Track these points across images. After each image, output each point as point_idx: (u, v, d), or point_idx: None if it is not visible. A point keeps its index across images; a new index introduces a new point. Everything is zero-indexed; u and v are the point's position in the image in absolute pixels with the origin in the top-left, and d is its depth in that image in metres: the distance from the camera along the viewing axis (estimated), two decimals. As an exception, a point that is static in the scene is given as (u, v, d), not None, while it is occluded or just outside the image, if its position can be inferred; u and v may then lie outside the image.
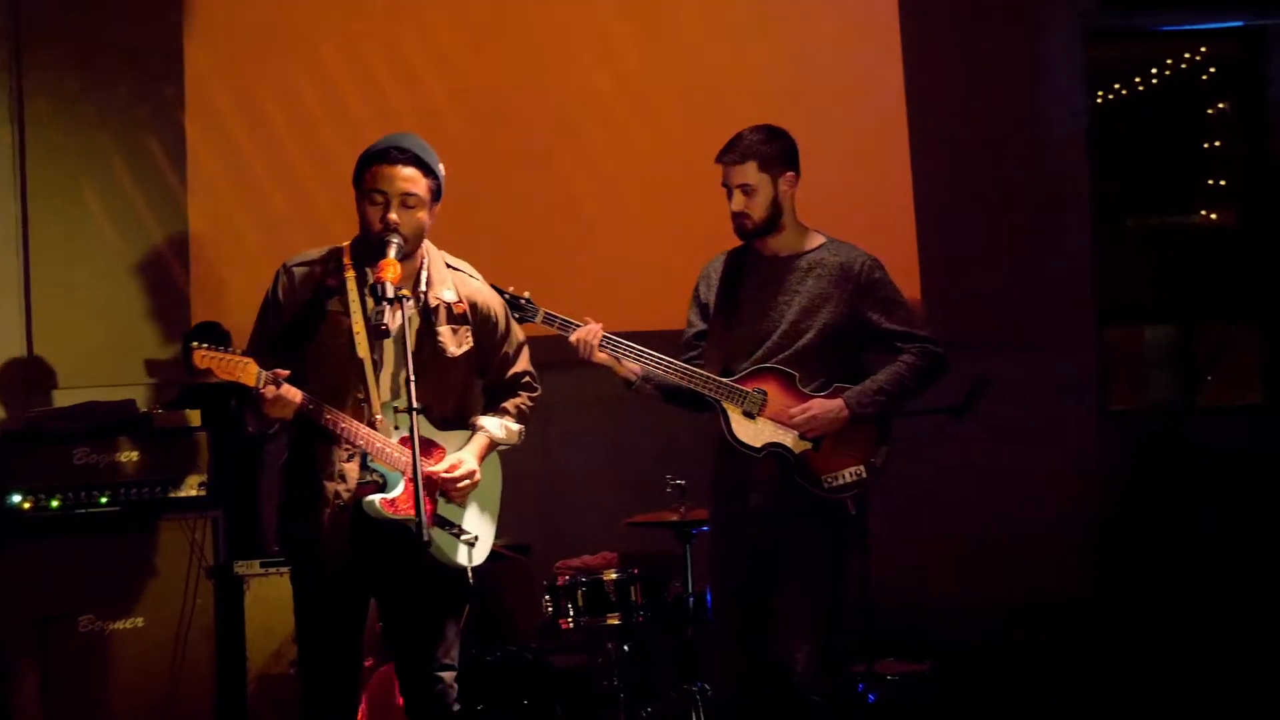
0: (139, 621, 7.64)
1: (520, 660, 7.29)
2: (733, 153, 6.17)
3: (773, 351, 6.09)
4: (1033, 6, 10.23)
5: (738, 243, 6.32)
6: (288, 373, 5.33)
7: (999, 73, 10.10)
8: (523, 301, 6.12)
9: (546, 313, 6.14)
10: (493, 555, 7.04)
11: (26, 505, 7.62)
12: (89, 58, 9.33)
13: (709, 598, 6.89)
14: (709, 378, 6.07)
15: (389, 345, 5.53)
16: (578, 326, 6.14)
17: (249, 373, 5.25)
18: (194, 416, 7.75)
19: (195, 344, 5.23)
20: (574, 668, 7.52)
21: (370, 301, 5.44)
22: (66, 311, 9.11)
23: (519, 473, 7.11)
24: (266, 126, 9.38)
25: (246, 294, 6.24)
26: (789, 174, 6.16)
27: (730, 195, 6.18)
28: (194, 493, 7.71)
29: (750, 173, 6.13)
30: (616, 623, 7.05)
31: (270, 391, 5.27)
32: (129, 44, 9.35)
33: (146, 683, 7.60)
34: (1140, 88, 10.81)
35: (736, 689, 6.27)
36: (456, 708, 5.68)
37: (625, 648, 7.16)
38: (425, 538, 5.12)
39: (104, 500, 7.66)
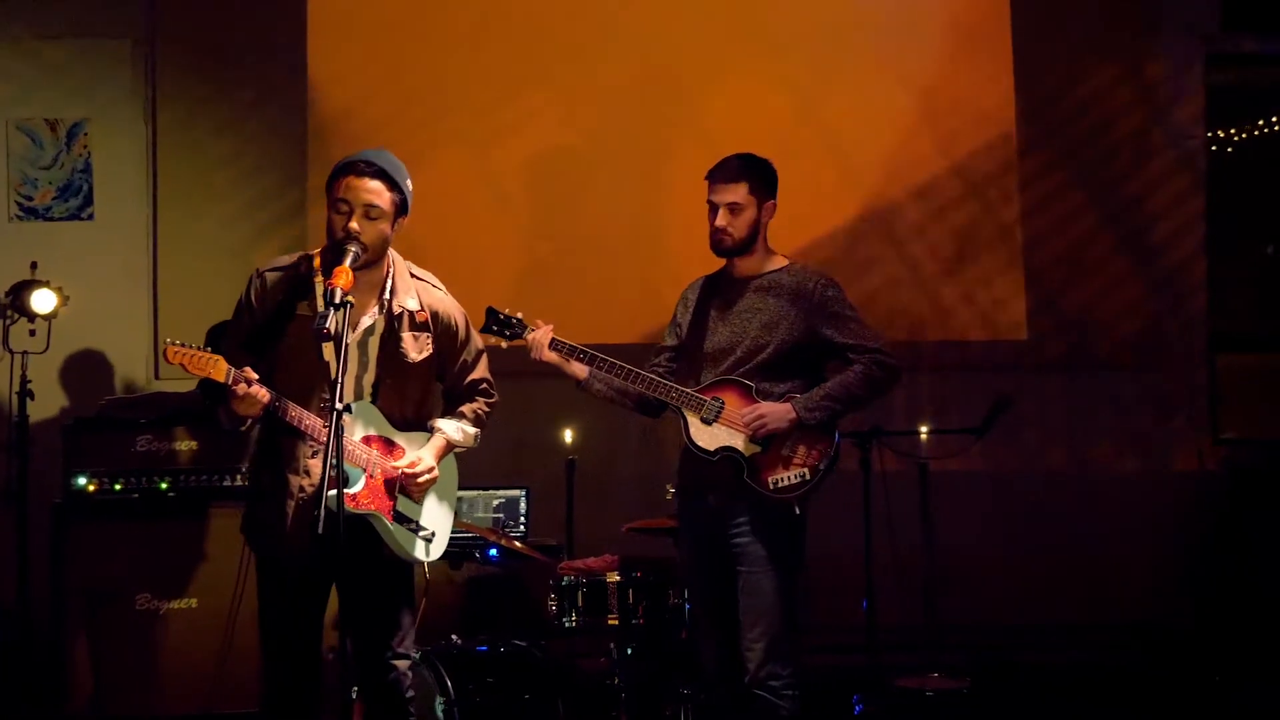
0: (192, 602, 8.03)
1: (525, 654, 7.48)
2: (727, 171, 6.48)
3: (735, 365, 6.36)
4: (1150, 26, 10.19)
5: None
6: (255, 374, 5.59)
7: (1112, 94, 10.11)
8: (514, 320, 6.49)
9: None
10: (521, 556, 7.35)
11: (91, 488, 8.07)
12: (219, 62, 9.83)
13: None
14: (671, 386, 6.36)
15: (353, 348, 5.81)
16: (534, 329, 6.50)
17: (219, 369, 5.50)
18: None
19: (169, 340, 5.49)
20: (590, 669, 7.70)
21: (319, 305, 5.73)
22: (191, 307, 9.47)
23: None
24: (386, 131, 9.74)
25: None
26: (770, 202, 6.48)
27: (714, 212, 6.46)
28: (245, 482, 8.00)
29: (741, 192, 6.43)
30: (615, 623, 7.24)
31: (241, 389, 5.55)
32: (256, 49, 9.86)
33: (197, 661, 7.95)
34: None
35: (709, 689, 6.58)
36: (410, 694, 5.96)
37: (629, 650, 7.33)
38: (319, 529, 5.23)
39: (164, 486, 8.09)
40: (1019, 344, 9.96)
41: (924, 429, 8.83)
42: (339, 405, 5.37)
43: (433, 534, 5.99)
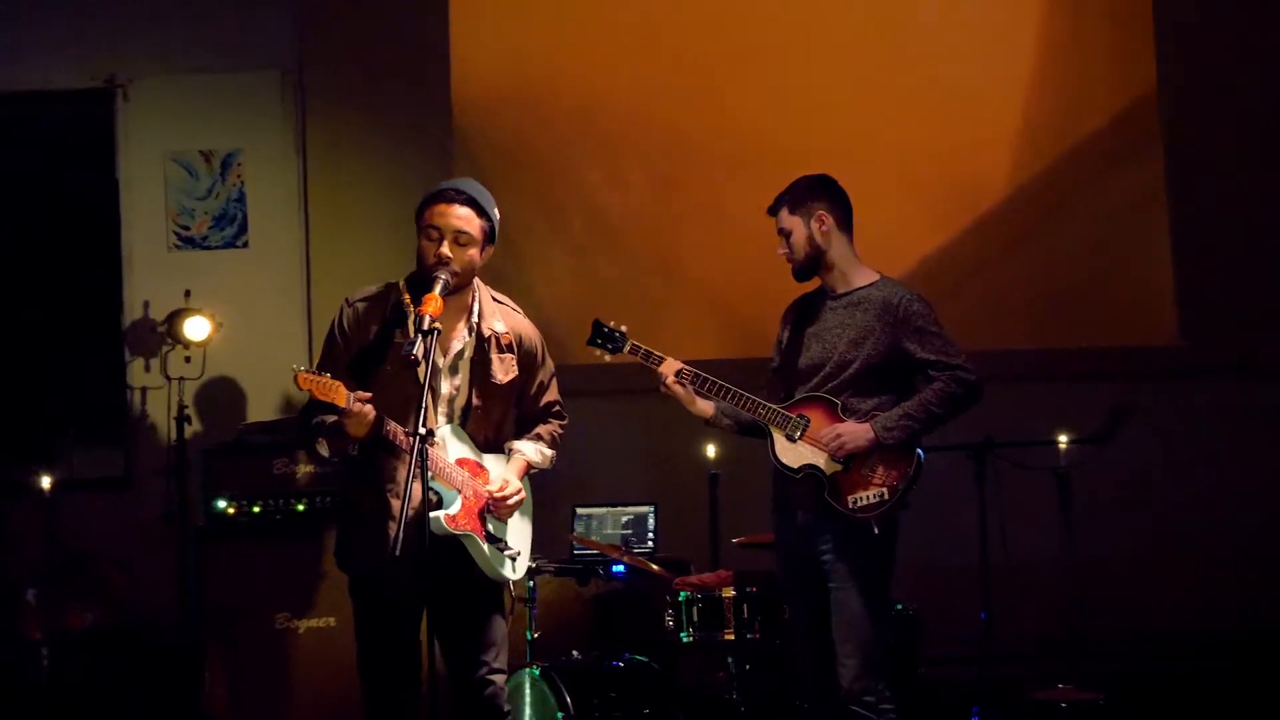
0: (330, 621, 8.22)
1: (645, 669, 7.57)
2: (771, 205, 6.57)
3: (825, 381, 6.38)
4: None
5: None
6: (369, 395, 5.71)
7: (1264, 66, 9.91)
8: (616, 334, 6.55)
9: (633, 344, 6.59)
10: (644, 572, 7.44)
11: (231, 510, 8.33)
12: (366, 91, 10.11)
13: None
14: (759, 403, 6.40)
15: (445, 372, 5.96)
16: (662, 360, 6.52)
17: (340, 394, 5.62)
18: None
19: (297, 367, 5.61)
20: (711, 684, 7.75)
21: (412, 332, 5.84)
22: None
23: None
24: (530, 150, 10.02)
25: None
26: (820, 212, 6.45)
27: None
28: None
29: (783, 218, 6.52)
30: (730, 638, 7.32)
31: (357, 408, 5.66)
32: (401, 77, 10.10)
33: (334, 680, 8.09)
34: None
35: (809, 703, 6.60)
36: (507, 709, 6.07)
37: (747, 665, 7.40)
38: (396, 550, 5.40)
39: (300, 508, 8.32)
40: (1171, 349, 9.77)
41: (1062, 439, 8.70)
42: (422, 430, 5.49)
43: (518, 553, 6.09)
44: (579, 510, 8.55)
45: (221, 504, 8.32)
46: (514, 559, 6.06)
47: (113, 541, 9.58)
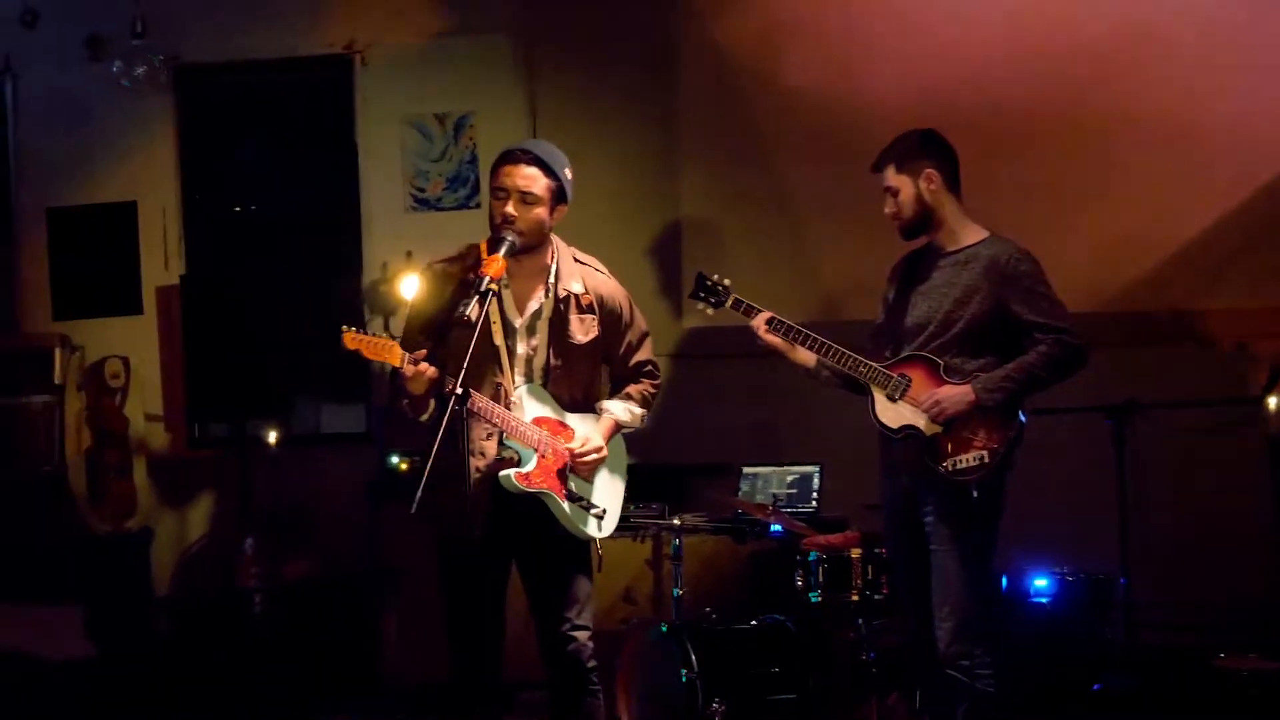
0: (499, 575, 8.37)
1: (778, 628, 7.58)
2: (876, 161, 6.44)
3: (929, 340, 6.28)
4: None
5: None
6: (424, 352, 5.79)
7: None
8: (719, 288, 6.55)
9: (735, 298, 6.58)
10: (792, 533, 7.43)
11: (404, 466, 8.55)
12: (594, 53, 10.18)
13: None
14: (860, 361, 6.33)
15: (522, 332, 6.03)
16: (758, 312, 6.49)
17: (394, 354, 5.77)
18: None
19: (345, 327, 5.76)
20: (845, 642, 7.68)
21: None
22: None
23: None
24: (754, 117, 9.94)
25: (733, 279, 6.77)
26: (928, 170, 6.31)
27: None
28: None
29: (890, 175, 6.39)
30: (856, 599, 7.26)
31: (409, 369, 5.79)
32: (628, 38, 10.13)
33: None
34: None
35: (912, 666, 6.61)
36: (591, 664, 6.12)
37: (876, 623, 7.32)
38: (413, 509, 5.53)
39: (467, 464, 8.47)
40: None
41: (1272, 400, 8.35)
42: (458, 390, 5.59)
43: (604, 511, 6.11)
44: (745, 469, 8.53)
45: (394, 460, 8.53)
46: (600, 517, 6.10)
47: (355, 495, 9.84)
